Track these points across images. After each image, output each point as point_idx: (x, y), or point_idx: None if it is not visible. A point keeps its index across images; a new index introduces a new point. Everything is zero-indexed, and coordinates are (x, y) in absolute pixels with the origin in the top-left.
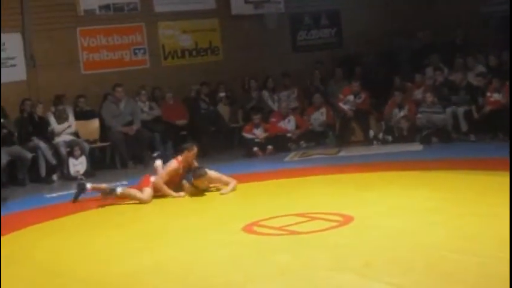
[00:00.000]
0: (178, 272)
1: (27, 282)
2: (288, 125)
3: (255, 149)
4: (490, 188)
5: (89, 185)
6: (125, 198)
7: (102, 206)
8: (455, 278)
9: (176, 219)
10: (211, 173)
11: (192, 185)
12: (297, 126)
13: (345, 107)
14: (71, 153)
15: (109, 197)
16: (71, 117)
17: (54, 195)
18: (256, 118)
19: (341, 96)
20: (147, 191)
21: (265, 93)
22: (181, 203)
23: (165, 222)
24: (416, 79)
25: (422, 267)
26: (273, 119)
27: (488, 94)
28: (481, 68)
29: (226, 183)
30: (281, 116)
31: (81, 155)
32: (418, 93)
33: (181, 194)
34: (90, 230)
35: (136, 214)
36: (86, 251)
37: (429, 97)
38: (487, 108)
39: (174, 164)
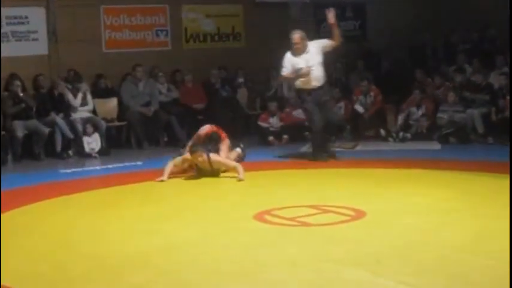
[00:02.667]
0: (187, 255)
1: (33, 256)
2: (302, 115)
3: (271, 138)
4: (506, 191)
5: None
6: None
7: (114, 185)
8: (467, 280)
9: (188, 203)
10: (214, 157)
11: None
12: None
13: (360, 108)
14: (84, 131)
15: None
16: (89, 96)
17: (68, 171)
18: (272, 105)
19: (354, 97)
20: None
21: (284, 84)
22: (194, 187)
23: (177, 205)
24: (435, 80)
25: (433, 267)
26: (287, 109)
27: (508, 97)
28: (505, 69)
29: (233, 169)
30: (295, 106)
31: (93, 132)
32: (439, 92)
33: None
34: (101, 208)
35: (149, 195)
36: (96, 229)
37: (451, 96)
38: (507, 113)
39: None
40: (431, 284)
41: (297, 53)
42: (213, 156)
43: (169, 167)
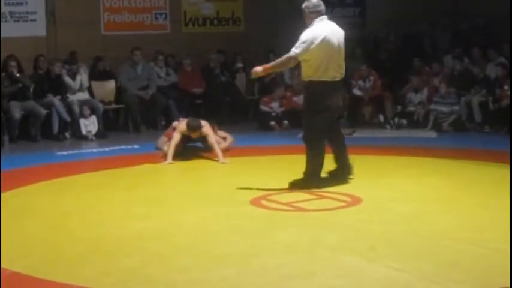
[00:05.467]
0: (183, 239)
1: (28, 238)
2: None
3: (272, 122)
4: (503, 180)
5: None
6: None
7: (110, 168)
8: (458, 267)
9: (185, 187)
10: (206, 125)
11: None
12: None
13: (358, 93)
14: (81, 113)
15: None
16: (84, 76)
17: (65, 153)
18: (280, 90)
19: (353, 82)
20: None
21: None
22: (192, 171)
23: (174, 188)
24: (433, 68)
25: (426, 254)
26: (289, 93)
27: (506, 88)
28: (502, 59)
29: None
30: (295, 92)
31: (90, 115)
32: (435, 81)
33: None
34: (97, 191)
35: (145, 179)
36: (91, 211)
37: (443, 88)
38: (504, 102)
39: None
40: (423, 270)
41: None
42: (204, 124)
43: (172, 149)
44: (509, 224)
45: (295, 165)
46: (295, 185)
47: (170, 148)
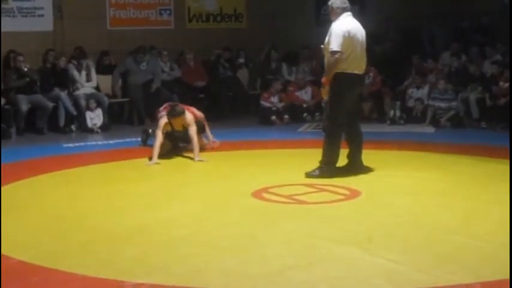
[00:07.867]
0: (185, 230)
1: (34, 228)
2: (305, 96)
3: (273, 117)
4: (500, 175)
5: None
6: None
7: (115, 160)
8: (454, 259)
9: (188, 180)
10: (188, 113)
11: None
12: (314, 97)
13: None
14: (88, 106)
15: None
16: (93, 72)
17: (71, 145)
18: (278, 84)
19: None
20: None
21: (284, 66)
22: (193, 163)
23: (177, 181)
24: (429, 64)
25: (422, 246)
26: (291, 88)
27: (501, 84)
28: (498, 57)
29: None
30: (298, 87)
31: (96, 108)
32: (431, 78)
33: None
34: (102, 183)
35: (149, 171)
36: (96, 202)
37: (441, 84)
38: (502, 100)
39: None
40: (419, 262)
41: None
42: (187, 112)
43: (156, 149)
44: (509, 219)
45: (296, 158)
46: (308, 174)
47: (155, 148)
